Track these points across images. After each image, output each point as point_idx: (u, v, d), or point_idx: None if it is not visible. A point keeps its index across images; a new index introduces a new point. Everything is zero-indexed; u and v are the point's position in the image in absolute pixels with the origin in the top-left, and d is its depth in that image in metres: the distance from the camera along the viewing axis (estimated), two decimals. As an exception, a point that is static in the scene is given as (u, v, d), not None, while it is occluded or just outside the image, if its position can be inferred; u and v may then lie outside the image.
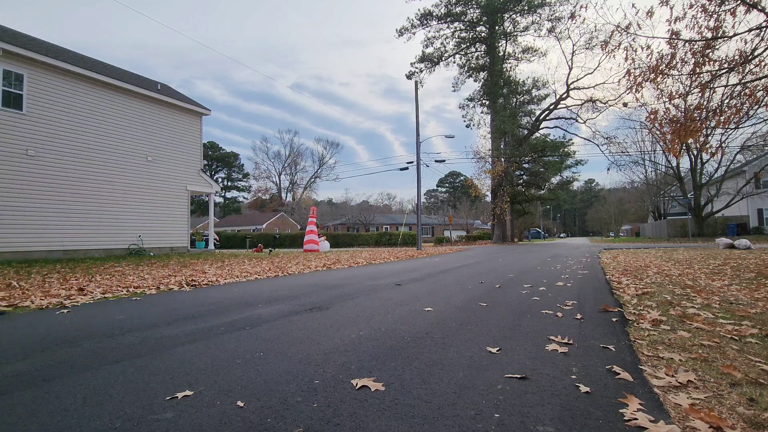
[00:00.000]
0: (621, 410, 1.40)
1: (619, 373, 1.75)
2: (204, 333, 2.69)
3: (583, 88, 29.41)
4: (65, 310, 3.68)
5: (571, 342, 2.29)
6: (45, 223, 11.52)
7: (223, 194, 71.33)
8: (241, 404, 1.51)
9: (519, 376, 1.76)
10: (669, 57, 6.30)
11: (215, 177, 68.90)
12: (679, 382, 1.64)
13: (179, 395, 1.61)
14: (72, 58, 12.98)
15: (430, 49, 32.21)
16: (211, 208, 17.68)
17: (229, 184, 73.25)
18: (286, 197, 66.81)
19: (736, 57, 6.02)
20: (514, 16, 31.09)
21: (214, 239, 20.42)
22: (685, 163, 30.71)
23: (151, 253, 13.79)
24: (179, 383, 1.75)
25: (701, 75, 6.33)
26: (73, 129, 12.24)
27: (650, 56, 6.49)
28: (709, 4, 5.94)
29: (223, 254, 15.37)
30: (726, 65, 6.15)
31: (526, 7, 29.94)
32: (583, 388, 1.60)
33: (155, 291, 4.99)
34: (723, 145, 9.71)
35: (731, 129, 8.17)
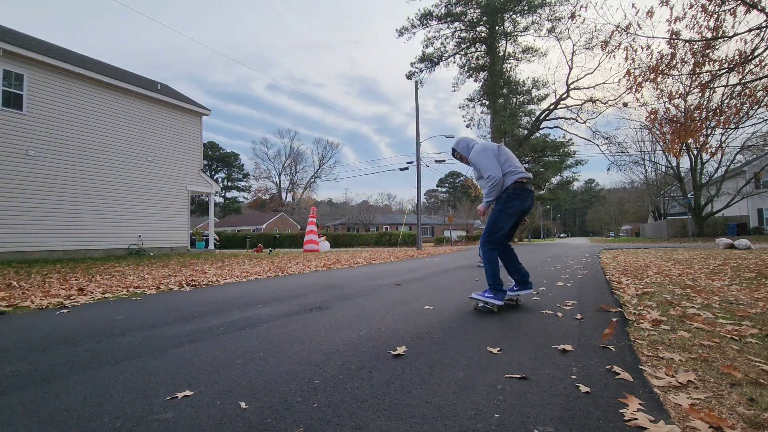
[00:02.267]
0: (621, 410, 1.40)
1: (619, 373, 1.75)
2: (204, 333, 2.69)
3: (583, 88, 29.42)
4: (65, 310, 3.68)
5: (571, 342, 2.29)
6: (45, 223, 11.52)
7: (223, 194, 71.33)
8: (242, 404, 1.51)
9: (519, 376, 1.76)
10: (669, 57, 6.31)
11: (215, 177, 68.89)
12: (679, 382, 1.64)
13: (179, 395, 1.61)
14: (72, 58, 12.98)
15: (430, 50, 32.21)
16: (211, 208, 17.68)
17: (229, 184, 73.25)
18: (286, 197, 66.85)
19: (736, 57, 6.02)
20: (514, 16, 31.08)
21: (215, 239, 20.42)
22: (685, 163, 30.73)
23: (151, 253, 13.79)
24: (179, 383, 1.75)
25: (701, 75, 6.33)
26: (73, 129, 12.24)
27: (650, 56, 6.50)
28: (709, 4, 5.94)
29: (223, 254, 15.37)
30: (726, 65, 6.15)
31: (526, 7, 29.93)
32: (583, 388, 1.60)
33: (155, 291, 5.00)
34: (723, 145, 9.70)
35: (731, 129, 8.17)
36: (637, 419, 1.32)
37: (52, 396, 1.64)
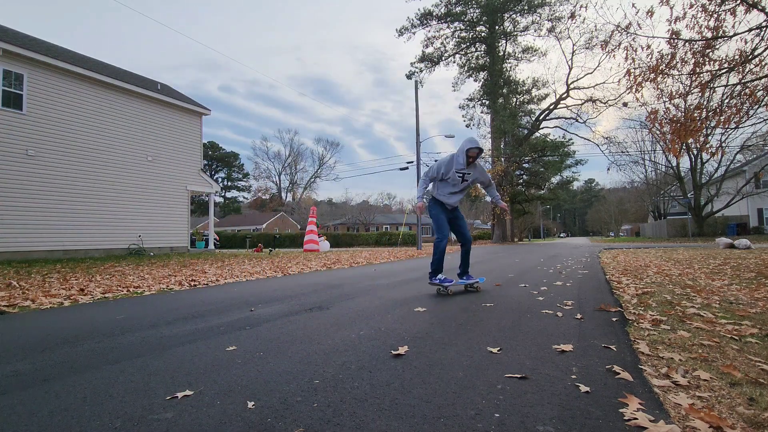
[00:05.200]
0: (621, 410, 1.40)
1: (619, 373, 1.75)
2: (204, 333, 2.69)
3: (583, 87, 29.50)
4: (66, 310, 3.69)
5: (571, 342, 2.29)
6: (45, 223, 11.52)
7: (223, 194, 71.32)
8: (242, 404, 1.51)
9: (519, 375, 1.76)
10: (669, 57, 6.30)
11: (215, 177, 68.87)
12: (679, 382, 1.64)
13: (179, 395, 1.61)
14: (72, 58, 12.98)
15: (430, 49, 32.22)
16: (211, 208, 17.68)
17: (229, 184, 73.24)
18: (286, 197, 66.82)
19: (736, 57, 6.01)
20: (514, 15, 31.11)
21: (215, 239, 20.41)
22: (685, 162, 30.71)
23: (151, 253, 13.79)
24: (179, 383, 1.75)
25: (701, 75, 6.33)
26: (73, 129, 12.24)
27: (650, 56, 6.48)
28: (709, 4, 5.93)
29: (223, 254, 15.38)
30: (726, 65, 6.15)
31: (526, 7, 29.95)
32: (583, 388, 1.60)
33: (155, 291, 5.00)
34: (723, 144, 9.69)
35: (731, 129, 8.15)
36: (637, 419, 1.32)
37: (52, 396, 1.64)
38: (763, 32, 5.77)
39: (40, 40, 13.89)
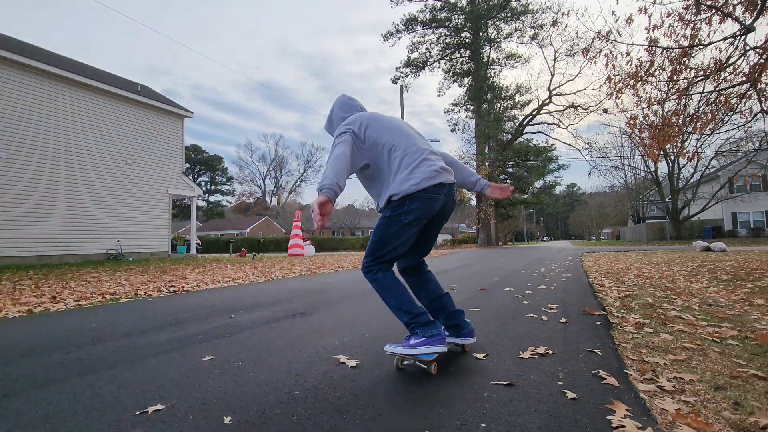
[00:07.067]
0: (608, 417, 1.37)
1: (605, 378, 1.74)
2: (180, 342, 2.58)
3: (565, 94, 30.10)
4: (35, 319, 3.51)
5: (556, 346, 2.28)
6: (18, 227, 11.08)
7: (206, 198, 70.22)
8: (216, 418, 1.44)
9: (505, 382, 1.73)
10: (648, 64, 6.45)
11: (198, 181, 67.76)
12: (664, 387, 1.62)
13: (150, 409, 1.52)
14: (48, 58, 12.58)
15: (415, 54, 32.43)
16: (194, 212, 17.32)
17: (213, 187, 72.16)
18: (270, 201, 66.19)
19: (711, 65, 6.19)
20: (497, 22, 31.56)
21: (197, 244, 19.99)
22: (662, 168, 31.56)
23: (130, 259, 13.40)
24: (151, 396, 1.66)
25: (678, 82, 6.50)
26: (48, 130, 11.83)
27: (630, 63, 6.63)
28: (686, 13, 6.11)
29: (205, 259, 15.06)
30: (702, 73, 6.33)
31: (509, 14, 30.44)
32: (570, 395, 1.57)
33: (132, 298, 4.82)
34: (699, 150, 9.97)
35: (707, 135, 8.40)
36: (625, 426, 1.30)
37: (11, 413, 1.53)
38: (736, 41, 5.96)
39: (15, 39, 13.44)
